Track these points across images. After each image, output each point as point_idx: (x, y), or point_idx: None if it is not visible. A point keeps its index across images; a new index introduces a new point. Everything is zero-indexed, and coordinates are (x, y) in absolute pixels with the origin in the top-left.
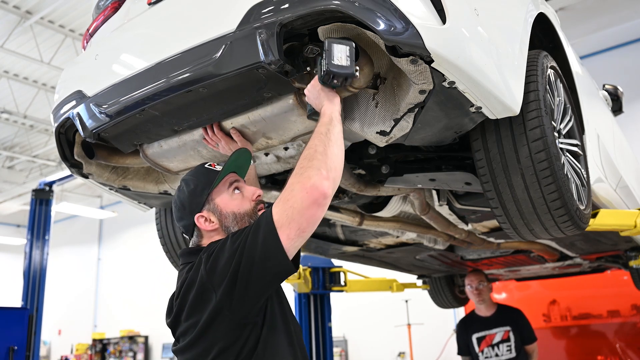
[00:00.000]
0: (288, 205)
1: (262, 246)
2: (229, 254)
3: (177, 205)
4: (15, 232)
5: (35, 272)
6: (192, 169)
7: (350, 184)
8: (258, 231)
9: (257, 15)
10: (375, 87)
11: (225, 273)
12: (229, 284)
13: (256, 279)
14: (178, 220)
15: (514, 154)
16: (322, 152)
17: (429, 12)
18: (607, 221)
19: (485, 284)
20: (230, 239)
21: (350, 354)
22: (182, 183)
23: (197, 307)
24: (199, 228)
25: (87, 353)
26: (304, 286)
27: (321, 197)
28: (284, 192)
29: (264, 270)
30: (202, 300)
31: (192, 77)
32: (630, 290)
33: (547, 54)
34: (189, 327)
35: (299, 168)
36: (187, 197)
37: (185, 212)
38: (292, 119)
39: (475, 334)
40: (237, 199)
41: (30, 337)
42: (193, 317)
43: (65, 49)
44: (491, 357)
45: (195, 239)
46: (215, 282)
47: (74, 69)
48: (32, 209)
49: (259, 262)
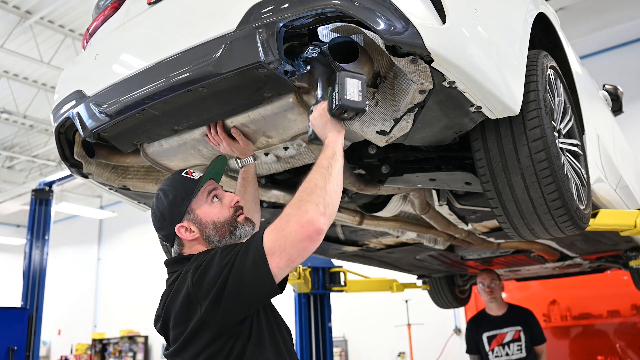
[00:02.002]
0: (282, 235)
1: (251, 270)
2: (216, 270)
3: (157, 216)
4: (15, 232)
5: (35, 272)
6: (168, 178)
7: (350, 182)
8: (248, 254)
9: (257, 15)
10: (376, 86)
11: (211, 288)
12: (214, 299)
13: (242, 299)
14: (158, 229)
15: (514, 154)
16: (322, 187)
17: (429, 12)
18: (607, 221)
19: (497, 282)
20: (219, 254)
21: (350, 354)
22: (160, 193)
23: (183, 317)
24: (180, 238)
25: (87, 353)
26: (304, 286)
27: (315, 233)
28: (280, 221)
29: (249, 292)
30: (187, 311)
31: (192, 76)
32: (630, 290)
33: (547, 54)
34: (176, 335)
35: (297, 200)
36: (167, 207)
37: (166, 223)
38: (292, 117)
39: (485, 333)
40: (217, 207)
41: (30, 337)
42: (179, 327)
43: (65, 49)
44: (501, 356)
45: (176, 247)
46: (201, 295)
47: (74, 68)
48: (32, 209)
49: (246, 284)
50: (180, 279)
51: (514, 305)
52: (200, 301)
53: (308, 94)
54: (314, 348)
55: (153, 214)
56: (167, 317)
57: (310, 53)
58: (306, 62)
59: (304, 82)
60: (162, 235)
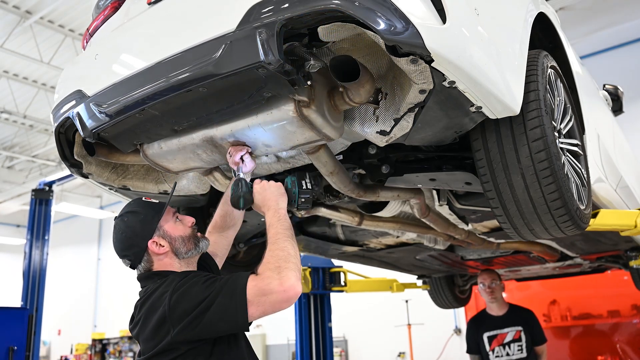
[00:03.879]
0: (264, 292)
1: (231, 311)
2: (195, 301)
3: (127, 235)
4: (15, 232)
5: (35, 272)
6: (129, 203)
7: (349, 190)
8: (231, 297)
9: (257, 15)
10: (377, 102)
11: (186, 315)
12: (187, 326)
13: (215, 331)
14: (125, 249)
15: (514, 154)
16: (294, 255)
17: (429, 12)
18: (608, 221)
19: (497, 282)
20: (200, 284)
21: (350, 354)
22: (128, 215)
23: (155, 334)
24: (150, 253)
25: (87, 353)
26: (304, 286)
27: (294, 297)
28: (263, 281)
29: (223, 327)
30: (159, 330)
31: (191, 76)
32: (631, 290)
33: (547, 54)
34: (146, 348)
35: (274, 265)
36: (139, 224)
37: (137, 239)
38: (292, 130)
39: (486, 333)
40: (180, 225)
41: (30, 337)
42: (150, 342)
43: (65, 49)
44: (502, 356)
45: (145, 264)
46: (175, 319)
47: (74, 68)
48: (31, 209)
49: (223, 320)
50: (156, 297)
51: (515, 306)
52: (174, 324)
53: (308, 107)
54: (314, 348)
55: (121, 235)
56: (141, 330)
57: (311, 68)
58: (307, 77)
59: (304, 95)
60: (131, 254)
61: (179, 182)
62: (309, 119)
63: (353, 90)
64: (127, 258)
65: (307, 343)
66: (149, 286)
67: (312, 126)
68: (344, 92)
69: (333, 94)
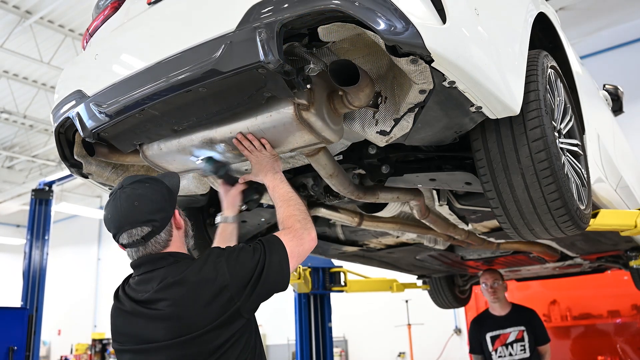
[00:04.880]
0: (300, 244)
1: (278, 267)
2: (251, 265)
3: (156, 198)
4: (15, 232)
5: (35, 272)
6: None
7: (349, 192)
8: (273, 254)
9: (257, 15)
10: (376, 106)
11: (247, 280)
12: (250, 292)
13: (272, 289)
14: (153, 212)
15: (514, 154)
16: (305, 217)
17: (429, 12)
18: (608, 221)
19: (500, 282)
20: (246, 250)
21: (350, 354)
22: (150, 181)
23: (214, 306)
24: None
25: (87, 353)
26: (304, 286)
27: (314, 246)
28: (296, 232)
29: (277, 285)
30: (218, 301)
31: (191, 76)
32: (631, 290)
33: (547, 54)
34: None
35: (302, 217)
36: (166, 190)
37: (166, 204)
38: (291, 132)
39: (489, 333)
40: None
41: (30, 337)
42: (206, 316)
43: (65, 49)
44: (505, 356)
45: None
46: (237, 286)
47: (74, 68)
48: (31, 209)
49: (276, 279)
50: (204, 270)
51: (518, 305)
52: (239, 293)
53: (308, 110)
54: (314, 348)
55: (146, 199)
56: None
57: (311, 71)
58: (307, 80)
59: (303, 99)
60: (159, 219)
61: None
62: (308, 122)
63: (352, 94)
64: (152, 224)
65: (307, 343)
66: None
67: (312, 129)
68: (344, 95)
69: (332, 97)
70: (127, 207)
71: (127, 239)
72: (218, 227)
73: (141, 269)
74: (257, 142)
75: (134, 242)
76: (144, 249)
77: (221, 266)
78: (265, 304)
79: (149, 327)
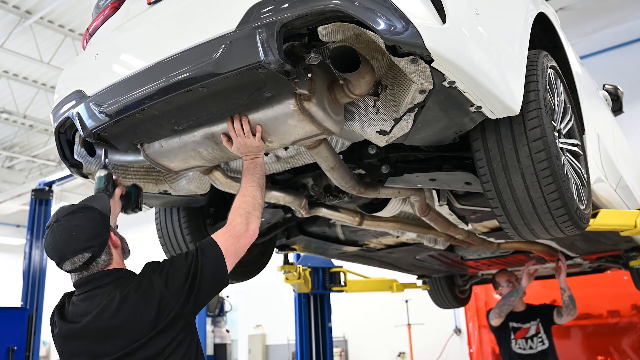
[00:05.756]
0: (236, 241)
1: (214, 269)
2: (184, 270)
3: (91, 225)
4: (15, 232)
5: (34, 272)
6: (68, 206)
7: (350, 186)
8: (207, 256)
9: (257, 15)
10: (377, 94)
11: (181, 283)
12: (187, 296)
13: (212, 290)
14: (91, 239)
15: (514, 154)
16: (260, 204)
17: (429, 12)
18: (607, 221)
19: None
20: (179, 257)
21: (350, 354)
22: (83, 210)
23: (157, 314)
24: (110, 245)
25: None
26: (304, 286)
27: (254, 238)
28: (233, 229)
29: (213, 283)
30: (160, 309)
31: (191, 76)
32: (630, 290)
33: (547, 54)
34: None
35: (244, 211)
36: (99, 215)
37: (101, 229)
38: (293, 124)
39: (512, 322)
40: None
41: (30, 337)
42: (148, 324)
43: (65, 49)
44: (525, 349)
45: (105, 257)
46: (173, 293)
47: (74, 68)
48: (31, 209)
49: (213, 278)
50: (143, 286)
51: (531, 304)
52: (176, 299)
53: (309, 100)
54: (314, 348)
55: (81, 228)
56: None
57: (311, 61)
58: (307, 70)
59: (304, 89)
60: (97, 244)
61: (179, 182)
62: (309, 113)
63: (353, 81)
64: (91, 250)
65: (307, 343)
66: (113, 284)
67: (313, 120)
68: (344, 84)
69: (333, 87)
70: (65, 238)
71: (70, 266)
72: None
73: (87, 287)
74: (247, 126)
75: (77, 267)
76: (87, 272)
77: (156, 278)
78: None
79: (98, 342)
